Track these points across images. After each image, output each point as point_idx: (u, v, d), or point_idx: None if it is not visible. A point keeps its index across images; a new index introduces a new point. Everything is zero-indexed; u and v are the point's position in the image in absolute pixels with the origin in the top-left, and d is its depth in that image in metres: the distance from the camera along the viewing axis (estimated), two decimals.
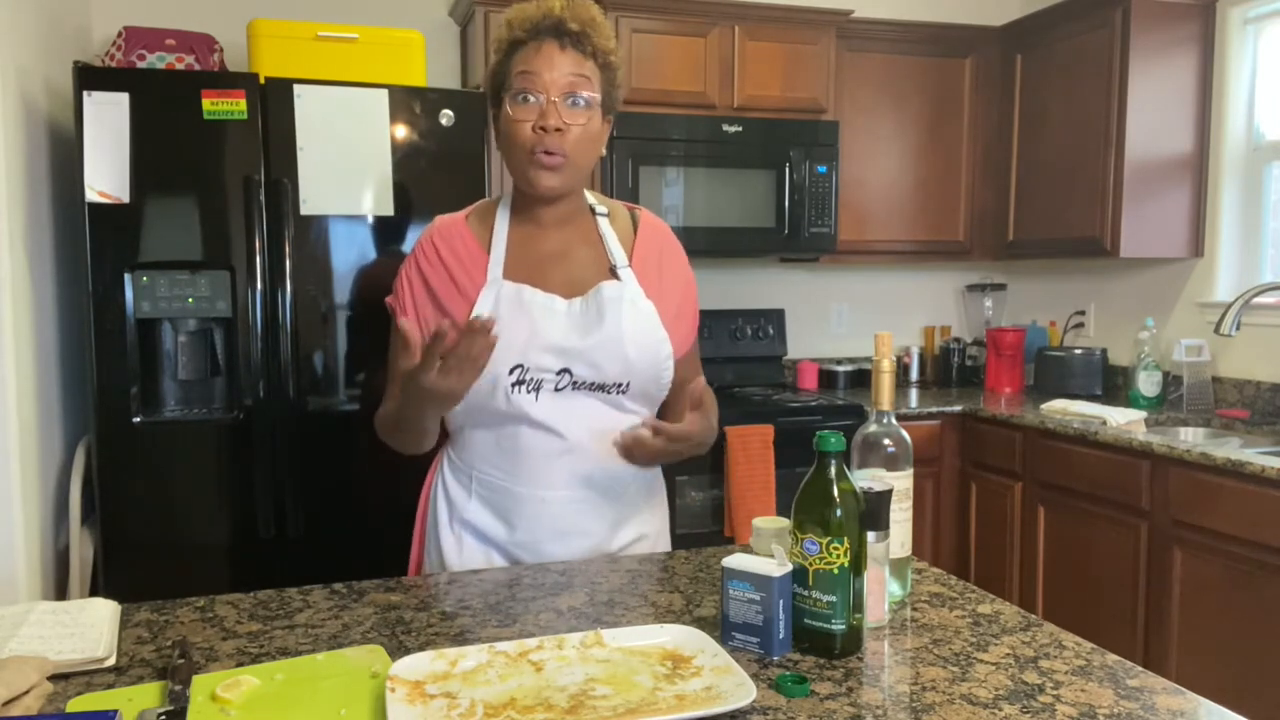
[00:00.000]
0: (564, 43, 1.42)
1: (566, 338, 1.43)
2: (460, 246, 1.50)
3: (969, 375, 3.90)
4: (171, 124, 2.35)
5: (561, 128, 1.40)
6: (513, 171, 1.47)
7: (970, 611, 1.25)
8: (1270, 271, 3.17)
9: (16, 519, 2.11)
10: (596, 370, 1.45)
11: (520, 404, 1.43)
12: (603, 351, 1.44)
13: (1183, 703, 0.98)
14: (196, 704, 0.97)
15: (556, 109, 1.40)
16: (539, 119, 1.40)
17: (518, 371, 1.42)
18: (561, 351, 1.43)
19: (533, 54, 1.42)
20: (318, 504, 2.51)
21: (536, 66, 1.41)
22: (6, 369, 2.08)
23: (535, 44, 1.42)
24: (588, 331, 1.44)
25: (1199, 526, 2.51)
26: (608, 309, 1.45)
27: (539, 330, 1.43)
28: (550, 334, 1.43)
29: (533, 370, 1.43)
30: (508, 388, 1.43)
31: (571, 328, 1.44)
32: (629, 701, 0.96)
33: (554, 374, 1.44)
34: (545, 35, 1.42)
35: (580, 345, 1.43)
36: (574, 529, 1.49)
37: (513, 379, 1.43)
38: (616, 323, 1.44)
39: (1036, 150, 3.56)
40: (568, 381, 1.45)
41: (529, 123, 1.41)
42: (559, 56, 1.41)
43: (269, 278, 2.44)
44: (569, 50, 1.42)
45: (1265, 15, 3.12)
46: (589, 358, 1.44)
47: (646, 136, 3.15)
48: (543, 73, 1.40)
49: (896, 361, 3.86)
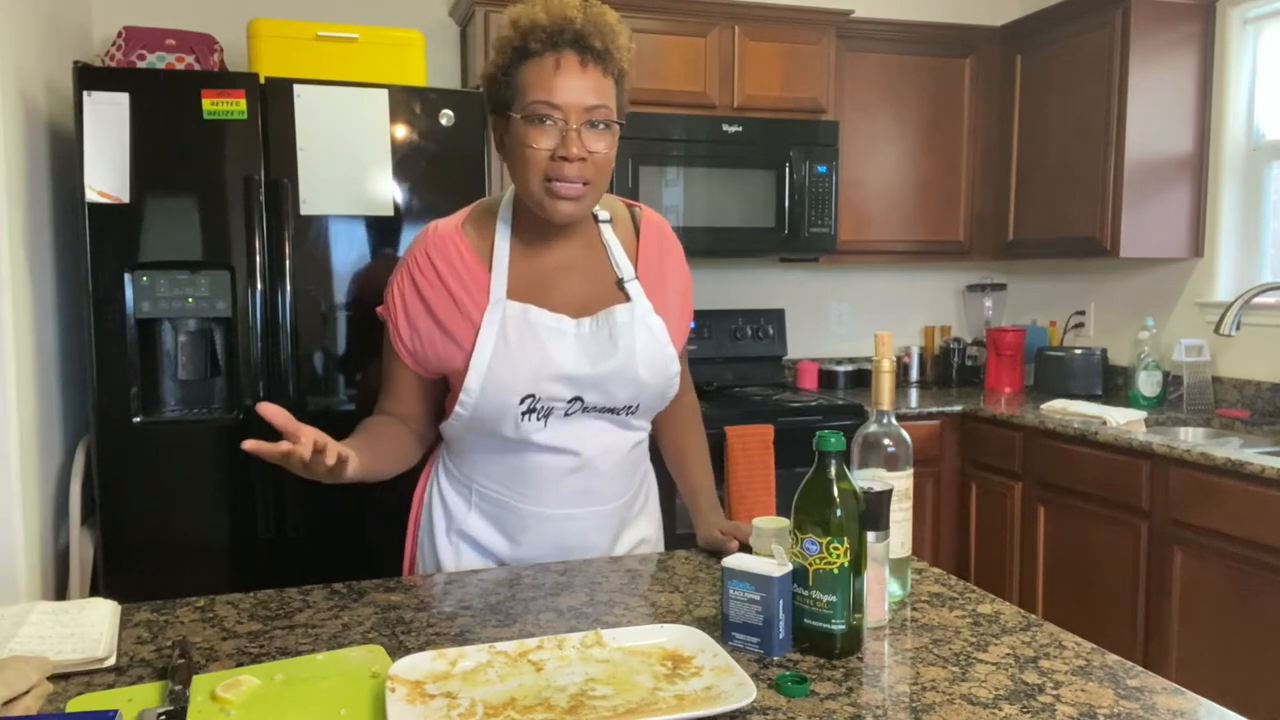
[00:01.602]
0: (585, 58, 1.29)
1: (578, 365, 1.37)
2: (459, 262, 1.40)
3: (969, 375, 3.90)
4: (171, 124, 2.35)
5: (585, 156, 1.29)
6: (524, 194, 1.35)
7: (970, 611, 1.25)
8: (1270, 271, 3.17)
9: (16, 519, 2.11)
10: (608, 396, 1.41)
11: (528, 431, 1.39)
12: (615, 379, 1.39)
13: (1183, 703, 0.98)
14: (196, 704, 0.97)
15: (579, 137, 1.28)
16: (559, 146, 1.28)
17: (528, 401, 1.36)
18: (573, 380, 1.37)
19: (550, 72, 1.28)
20: (318, 504, 2.51)
21: (555, 89, 1.27)
22: (6, 369, 2.08)
23: (553, 57, 1.28)
24: (601, 358, 1.38)
25: (1199, 526, 2.51)
26: (621, 335, 1.39)
27: (550, 357, 1.36)
28: (561, 361, 1.36)
29: (544, 399, 1.37)
30: (517, 416, 1.37)
31: (582, 353, 1.38)
32: (629, 701, 0.96)
33: (565, 402, 1.39)
34: (564, 48, 1.28)
35: (593, 373, 1.38)
36: (578, 545, 1.48)
37: (523, 408, 1.37)
38: (630, 348, 1.39)
39: (1036, 150, 3.56)
40: (579, 408, 1.40)
41: (546, 150, 1.29)
42: (579, 76, 1.28)
43: (269, 278, 2.44)
44: (590, 68, 1.29)
45: (1265, 15, 3.12)
46: (602, 386, 1.39)
47: (646, 136, 3.15)
48: (562, 97, 1.27)
49: (896, 361, 3.87)
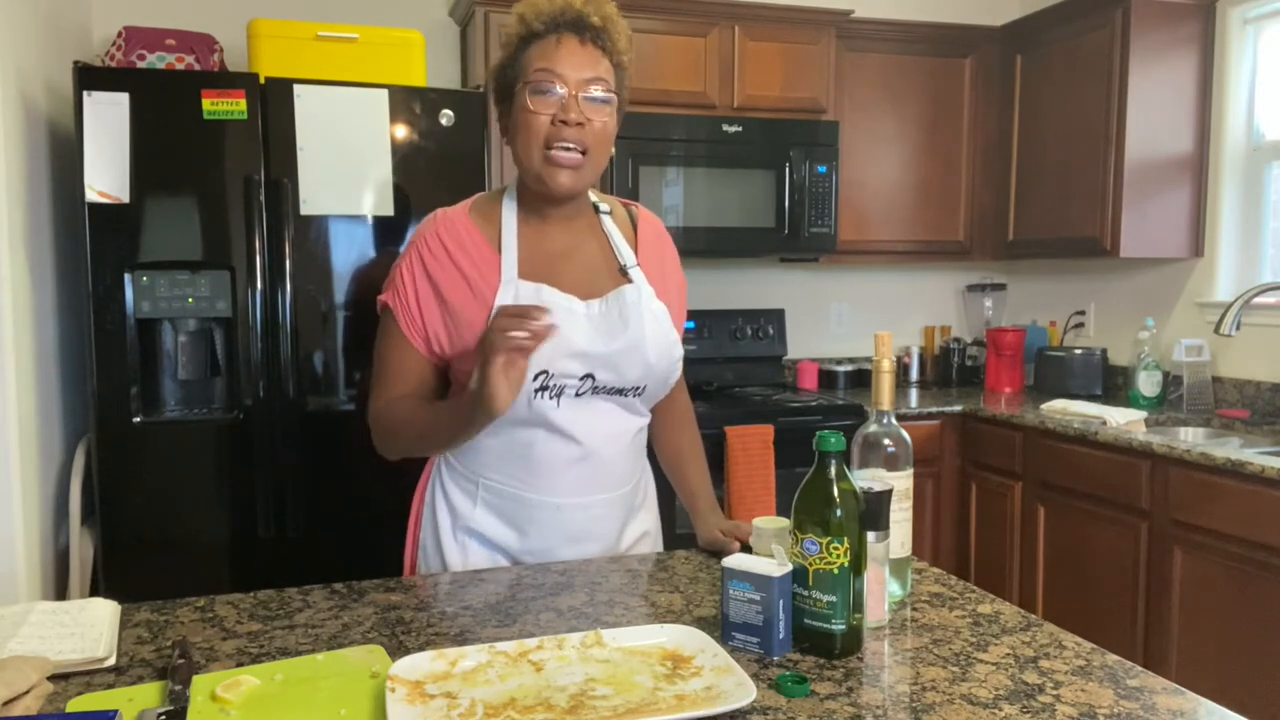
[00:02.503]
0: (584, 38, 1.38)
1: (591, 343, 1.40)
2: (469, 243, 1.44)
3: (969, 375, 3.90)
4: (171, 124, 2.35)
5: (583, 121, 1.36)
6: (525, 169, 1.41)
7: (970, 611, 1.25)
8: (1270, 271, 3.17)
9: (16, 519, 2.11)
10: (618, 375, 1.43)
11: (542, 409, 1.40)
12: (626, 357, 1.42)
13: (1183, 703, 0.98)
14: (196, 704, 0.97)
15: (577, 103, 1.36)
16: (559, 111, 1.36)
17: (542, 378, 1.39)
18: (586, 357, 1.40)
19: (552, 47, 1.37)
20: (318, 504, 2.51)
21: (557, 59, 1.36)
22: (6, 369, 2.08)
23: (555, 37, 1.37)
24: (611, 336, 1.41)
25: (1199, 526, 2.51)
26: (630, 313, 1.43)
27: (563, 335, 1.38)
28: (574, 339, 1.39)
29: (557, 376, 1.39)
30: (530, 393, 1.39)
31: (594, 331, 1.41)
32: (629, 701, 0.96)
33: (577, 379, 1.41)
34: (565, 29, 1.37)
35: (605, 351, 1.41)
36: (587, 534, 1.48)
37: (537, 385, 1.39)
38: (639, 327, 1.43)
39: (1036, 150, 3.56)
40: (589, 387, 1.42)
41: (547, 115, 1.36)
42: (579, 51, 1.37)
43: (269, 278, 2.44)
44: (589, 46, 1.38)
45: (1265, 15, 3.12)
46: (613, 363, 1.42)
47: (646, 136, 3.15)
48: (563, 65, 1.36)
49: (896, 361, 3.87)
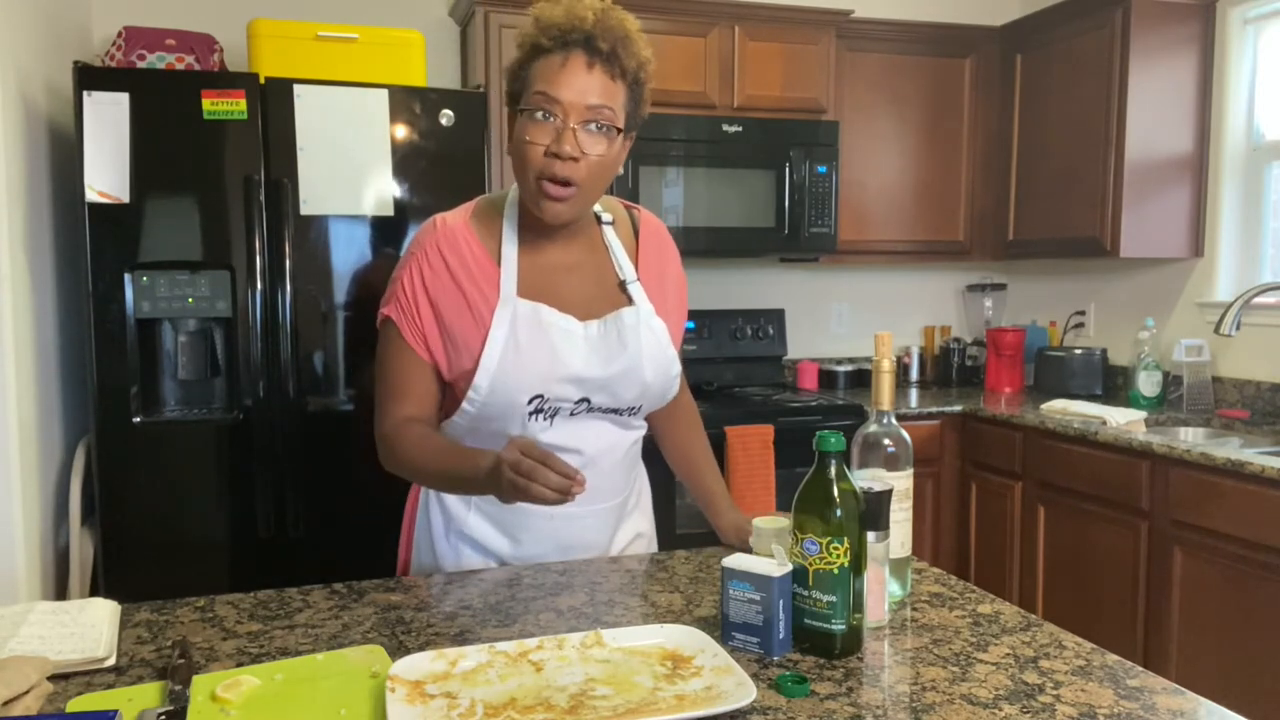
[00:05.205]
0: (592, 60, 1.30)
1: (588, 366, 1.38)
2: (469, 256, 1.40)
3: (969, 375, 3.89)
4: (171, 124, 2.35)
5: (577, 156, 1.29)
6: (521, 190, 1.38)
7: (970, 611, 1.25)
8: (1270, 271, 3.17)
9: (16, 519, 2.11)
10: (615, 398, 1.42)
11: (534, 430, 1.39)
12: (623, 380, 1.41)
13: (1183, 703, 0.98)
14: (196, 704, 0.97)
15: (574, 136, 1.29)
16: (553, 143, 1.29)
17: (536, 401, 1.37)
18: (582, 381, 1.38)
19: (556, 68, 1.29)
20: (318, 504, 2.51)
21: (557, 85, 1.29)
22: (6, 369, 2.08)
23: (561, 56, 1.30)
24: (609, 360, 1.40)
25: (1199, 526, 2.51)
26: (629, 337, 1.41)
27: (560, 358, 1.37)
28: (571, 363, 1.37)
29: (553, 400, 1.38)
30: (524, 416, 1.38)
31: (592, 354, 1.39)
32: (629, 701, 0.96)
33: (573, 403, 1.40)
34: (573, 48, 1.30)
35: (602, 375, 1.39)
36: (579, 543, 1.48)
37: (530, 408, 1.37)
38: (637, 351, 1.41)
39: (1036, 150, 3.56)
40: (584, 408, 1.41)
41: (541, 145, 1.30)
42: (584, 76, 1.29)
43: (269, 278, 2.44)
44: (597, 69, 1.30)
45: (1265, 15, 3.12)
46: (610, 388, 1.41)
47: (646, 136, 3.13)
48: (563, 93, 1.28)
49: (896, 361, 3.87)
